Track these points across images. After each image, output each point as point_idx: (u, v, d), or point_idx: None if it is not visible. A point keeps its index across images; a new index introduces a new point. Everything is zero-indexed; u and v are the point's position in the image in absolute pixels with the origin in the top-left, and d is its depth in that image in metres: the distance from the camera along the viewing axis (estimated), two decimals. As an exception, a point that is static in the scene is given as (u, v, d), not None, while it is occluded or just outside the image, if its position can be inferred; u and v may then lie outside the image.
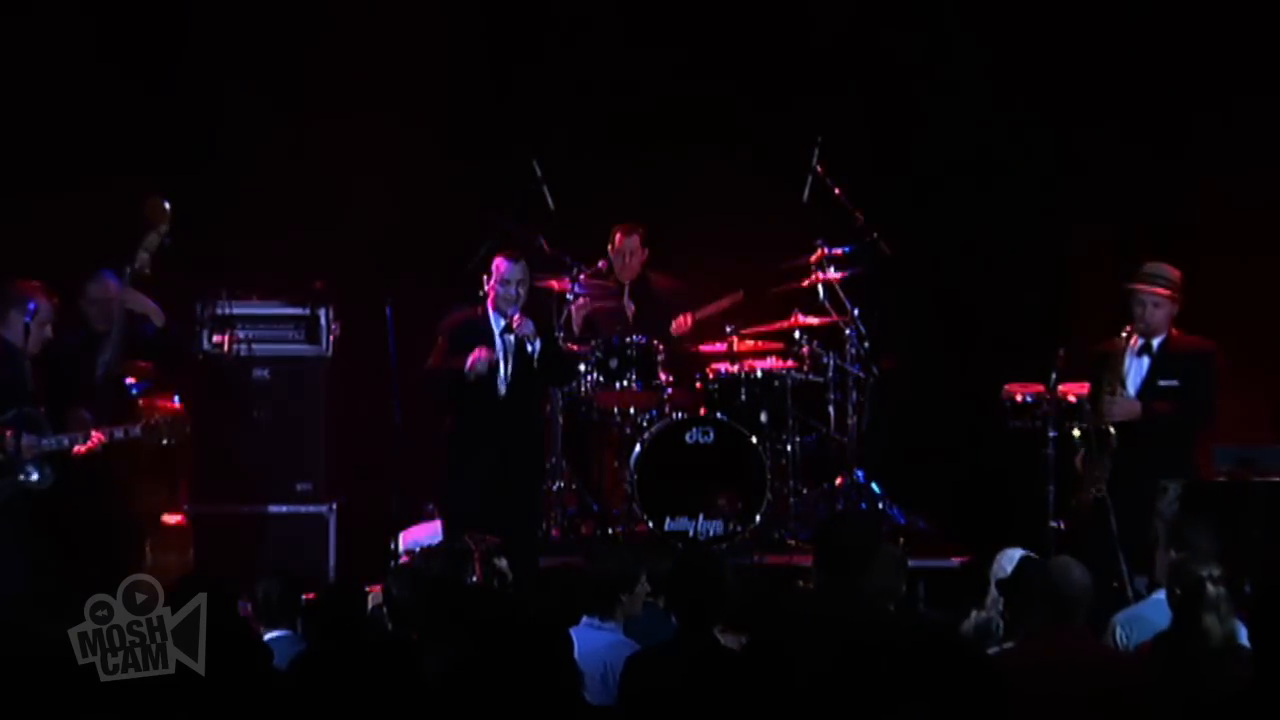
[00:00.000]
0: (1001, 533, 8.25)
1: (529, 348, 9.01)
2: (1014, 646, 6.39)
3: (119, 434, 8.41)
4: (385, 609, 6.76)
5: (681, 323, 10.45)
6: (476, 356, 8.94)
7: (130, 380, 8.77)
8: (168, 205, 8.81)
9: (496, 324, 9.09)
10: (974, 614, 7.12)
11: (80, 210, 9.87)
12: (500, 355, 9.04)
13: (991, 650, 6.46)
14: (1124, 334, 8.61)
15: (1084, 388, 8.69)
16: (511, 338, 9.04)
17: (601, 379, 10.09)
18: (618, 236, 10.45)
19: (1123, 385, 8.53)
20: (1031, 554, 7.16)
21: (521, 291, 9.07)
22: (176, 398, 8.84)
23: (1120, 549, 8.14)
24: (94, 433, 8.35)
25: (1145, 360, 8.60)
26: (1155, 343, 8.58)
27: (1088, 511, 8.41)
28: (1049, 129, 10.57)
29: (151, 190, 8.92)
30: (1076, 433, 8.52)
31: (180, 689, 5.13)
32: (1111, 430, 8.45)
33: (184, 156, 10.29)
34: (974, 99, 10.60)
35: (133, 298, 8.70)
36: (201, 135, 10.45)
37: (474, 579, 7.02)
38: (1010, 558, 7.13)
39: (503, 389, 9.04)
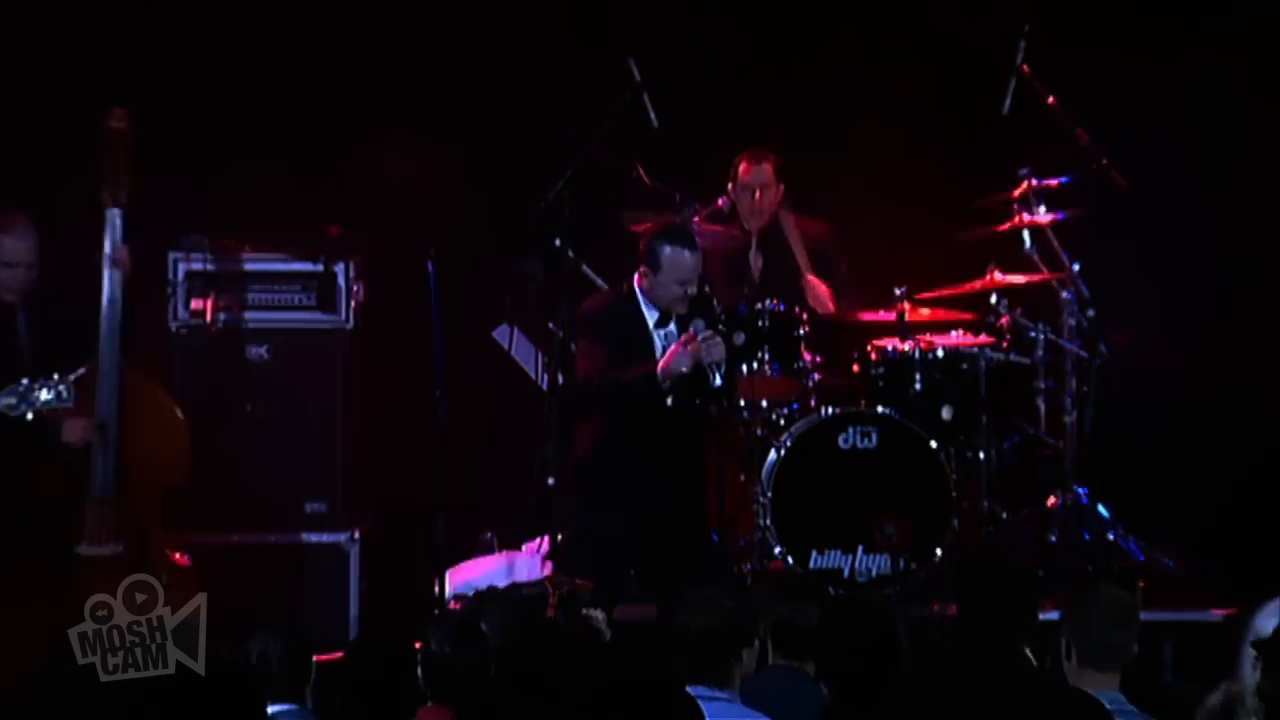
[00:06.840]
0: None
1: (712, 377, 9.49)
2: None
3: None
4: (421, 673, 6.77)
5: (817, 293, 10.52)
6: (676, 352, 9.42)
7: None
8: (131, 122, 8.83)
9: (650, 314, 9.59)
10: (1221, 688, 6.87)
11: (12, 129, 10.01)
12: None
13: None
14: None
15: None
16: (668, 330, 9.54)
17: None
18: (743, 166, 10.53)
19: None
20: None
21: (693, 292, 9.55)
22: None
23: None
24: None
25: None
26: None
27: None
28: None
29: (111, 101, 8.95)
30: None
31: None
32: None
33: (156, 56, 10.38)
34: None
35: None
36: (181, 28, 10.50)
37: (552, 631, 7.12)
38: (1274, 612, 6.98)
39: (670, 400, 9.45)
